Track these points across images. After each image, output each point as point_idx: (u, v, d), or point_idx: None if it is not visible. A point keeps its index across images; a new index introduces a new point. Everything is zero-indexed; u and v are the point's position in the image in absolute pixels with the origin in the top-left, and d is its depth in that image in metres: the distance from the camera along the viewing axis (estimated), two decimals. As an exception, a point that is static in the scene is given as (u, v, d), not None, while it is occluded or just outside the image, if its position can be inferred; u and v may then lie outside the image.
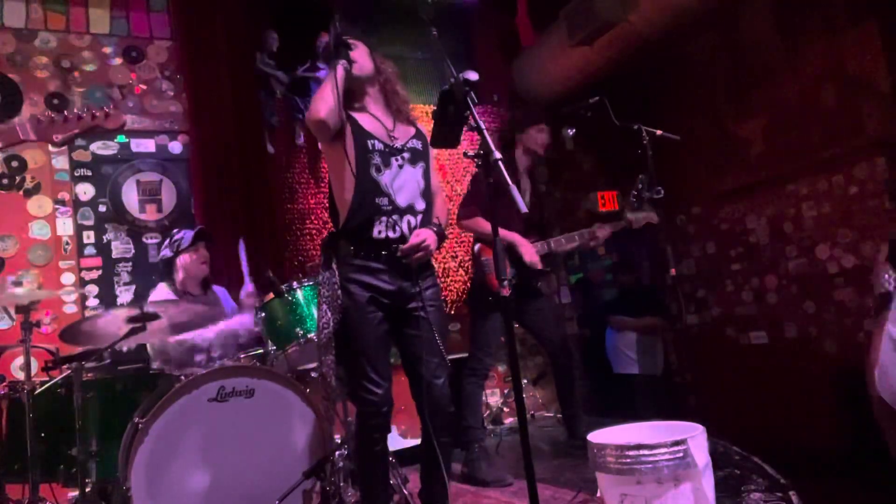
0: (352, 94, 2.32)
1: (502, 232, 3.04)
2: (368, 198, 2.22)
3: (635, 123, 3.11)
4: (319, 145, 2.38)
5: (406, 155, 2.33)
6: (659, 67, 5.18)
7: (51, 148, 3.94)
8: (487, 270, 3.30)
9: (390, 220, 2.23)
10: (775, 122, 4.69)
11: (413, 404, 2.40)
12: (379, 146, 2.27)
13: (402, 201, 2.27)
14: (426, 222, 2.32)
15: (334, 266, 2.23)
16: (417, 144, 2.38)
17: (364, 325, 2.21)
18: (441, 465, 2.26)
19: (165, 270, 3.40)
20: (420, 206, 2.32)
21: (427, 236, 2.27)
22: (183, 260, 3.32)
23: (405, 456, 3.31)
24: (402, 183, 2.29)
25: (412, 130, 2.41)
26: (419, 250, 2.24)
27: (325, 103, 2.18)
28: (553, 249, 3.43)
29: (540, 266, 3.28)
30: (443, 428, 2.29)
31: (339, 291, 2.20)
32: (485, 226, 3.23)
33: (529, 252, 3.26)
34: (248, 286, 3.38)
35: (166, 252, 3.38)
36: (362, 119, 2.30)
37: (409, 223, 2.27)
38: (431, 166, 2.44)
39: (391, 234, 2.24)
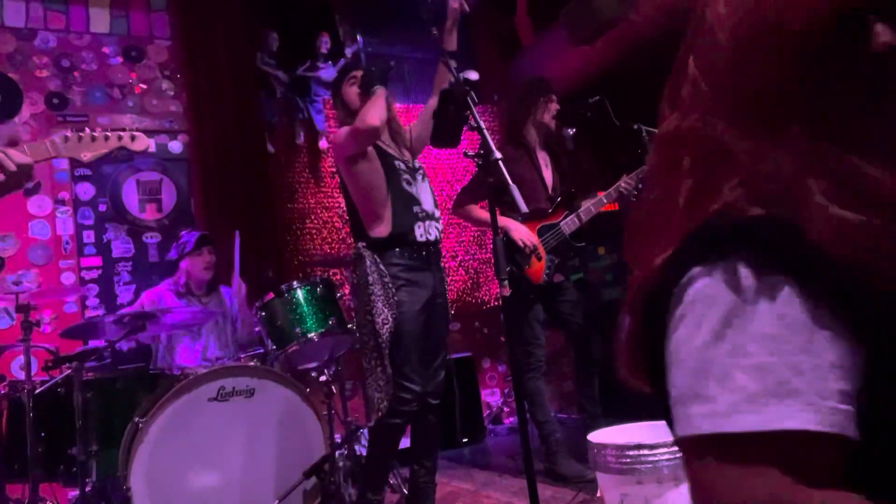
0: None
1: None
2: (408, 207, 2.56)
3: (635, 123, 3.10)
4: (340, 166, 2.65)
5: (420, 172, 2.69)
6: (659, 67, 5.17)
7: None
8: (525, 264, 3.22)
9: (425, 224, 2.57)
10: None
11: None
12: (402, 166, 2.62)
13: (428, 208, 2.61)
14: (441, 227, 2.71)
15: (382, 267, 2.49)
16: (419, 163, 2.76)
17: (418, 321, 2.52)
18: (434, 433, 2.68)
19: (170, 271, 3.46)
20: (437, 213, 2.67)
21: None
22: (186, 264, 3.37)
23: (405, 456, 3.31)
24: (425, 194, 2.64)
25: (408, 153, 2.76)
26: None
27: (379, 114, 2.46)
28: (585, 221, 3.27)
29: (533, 248, 3.18)
30: (436, 411, 2.66)
31: (394, 289, 2.47)
32: (479, 213, 3.24)
33: (522, 235, 3.19)
34: (235, 286, 3.41)
35: (173, 254, 3.46)
36: (381, 144, 2.62)
37: (435, 228, 2.62)
38: None
39: (429, 237, 2.58)
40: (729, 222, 0.57)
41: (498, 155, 1.94)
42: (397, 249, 2.53)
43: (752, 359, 0.53)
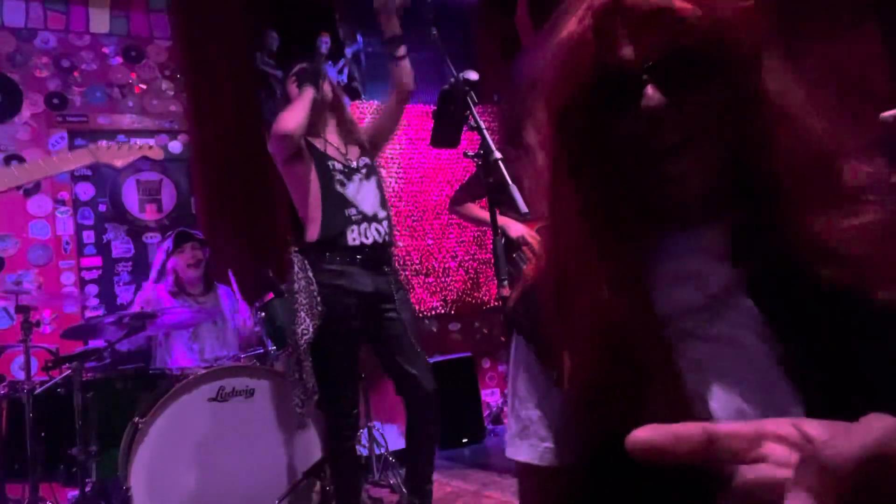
0: (310, 120, 2.49)
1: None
2: (338, 210, 2.41)
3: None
4: (278, 166, 2.59)
5: (363, 170, 2.55)
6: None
7: (51, 147, 3.94)
8: (524, 264, 3.20)
9: (360, 227, 2.41)
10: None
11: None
12: (338, 166, 2.49)
13: (367, 210, 2.46)
14: (391, 229, 2.53)
15: (310, 274, 2.36)
16: (367, 161, 2.60)
17: (343, 335, 2.37)
18: (428, 451, 2.52)
19: (161, 273, 3.47)
20: (382, 214, 2.51)
21: None
22: (171, 263, 3.39)
23: (404, 456, 3.30)
24: (364, 195, 2.49)
25: (358, 150, 2.62)
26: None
27: (294, 119, 2.40)
28: None
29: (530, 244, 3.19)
30: (429, 420, 2.49)
31: (319, 298, 2.32)
32: (476, 212, 3.25)
33: (517, 230, 3.19)
34: (243, 314, 3.38)
35: (162, 256, 3.45)
36: (319, 143, 2.52)
37: (377, 230, 2.45)
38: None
39: (364, 241, 2.41)
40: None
41: (498, 155, 1.93)
42: (328, 254, 2.40)
43: (514, 408, 0.75)
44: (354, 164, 2.55)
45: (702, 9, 0.61)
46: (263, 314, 2.91)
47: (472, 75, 2.04)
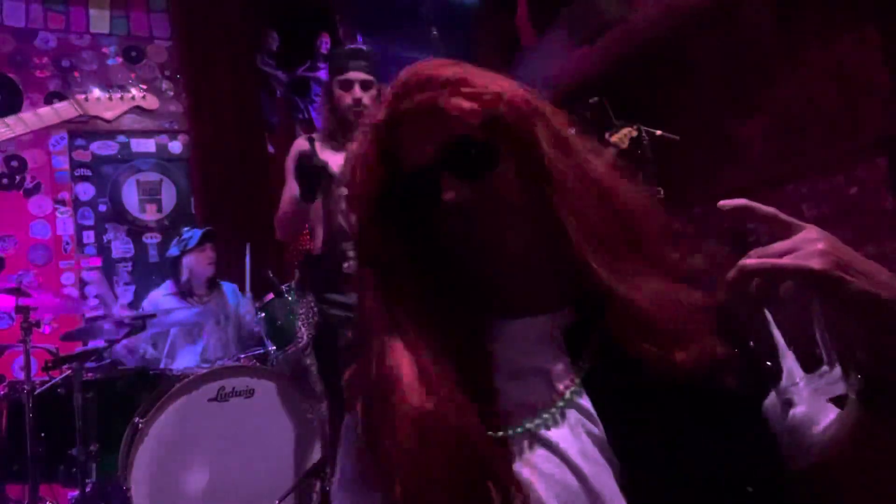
0: (337, 130, 2.33)
1: None
2: (338, 244, 2.27)
3: (635, 123, 3.11)
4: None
5: None
6: (659, 67, 5.18)
7: (51, 148, 3.94)
8: None
9: None
10: (775, 123, 4.68)
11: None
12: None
13: None
14: None
15: (306, 284, 2.36)
16: None
17: (336, 342, 2.30)
18: None
19: (171, 269, 3.41)
20: None
21: None
22: (188, 260, 3.34)
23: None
24: None
25: None
26: None
27: (284, 226, 2.46)
28: None
29: None
30: None
31: (315, 309, 2.31)
32: None
33: None
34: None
35: (174, 251, 3.39)
36: (336, 162, 2.25)
37: None
38: None
39: None
40: None
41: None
42: (325, 278, 2.30)
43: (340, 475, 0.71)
44: None
45: (467, 100, 0.64)
46: (263, 314, 2.91)
47: (473, 75, 2.03)
